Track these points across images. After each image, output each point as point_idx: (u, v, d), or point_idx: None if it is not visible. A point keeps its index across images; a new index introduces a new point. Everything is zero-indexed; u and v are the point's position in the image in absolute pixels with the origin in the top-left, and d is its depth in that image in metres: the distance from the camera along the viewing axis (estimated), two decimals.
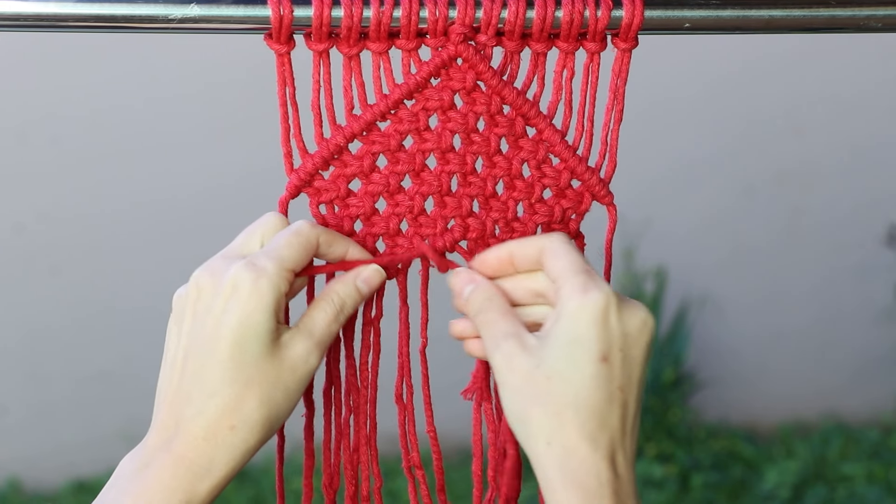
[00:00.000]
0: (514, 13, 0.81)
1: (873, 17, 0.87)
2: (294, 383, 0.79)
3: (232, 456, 0.77)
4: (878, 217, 3.03)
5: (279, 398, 0.78)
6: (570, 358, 0.75)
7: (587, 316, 0.76)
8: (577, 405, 0.75)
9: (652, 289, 2.99)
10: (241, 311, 0.77)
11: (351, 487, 0.88)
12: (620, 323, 0.76)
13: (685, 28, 0.85)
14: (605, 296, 0.76)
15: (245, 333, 0.77)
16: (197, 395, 0.77)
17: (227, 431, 0.77)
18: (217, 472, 0.77)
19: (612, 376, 0.75)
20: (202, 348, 0.78)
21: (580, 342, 0.75)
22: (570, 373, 0.75)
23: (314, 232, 0.81)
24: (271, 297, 0.77)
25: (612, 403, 0.75)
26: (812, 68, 2.88)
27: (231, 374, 0.77)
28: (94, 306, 2.88)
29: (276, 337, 0.78)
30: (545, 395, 0.75)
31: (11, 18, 0.78)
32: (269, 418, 0.78)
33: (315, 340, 0.80)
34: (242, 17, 0.80)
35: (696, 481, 2.88)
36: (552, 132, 0.86)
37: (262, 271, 0.77)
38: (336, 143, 0.84)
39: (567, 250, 0.79)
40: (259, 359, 0.77)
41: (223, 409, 0.77)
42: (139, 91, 2.74)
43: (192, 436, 0.77)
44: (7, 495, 2.92)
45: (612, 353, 0.76)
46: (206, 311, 0.78)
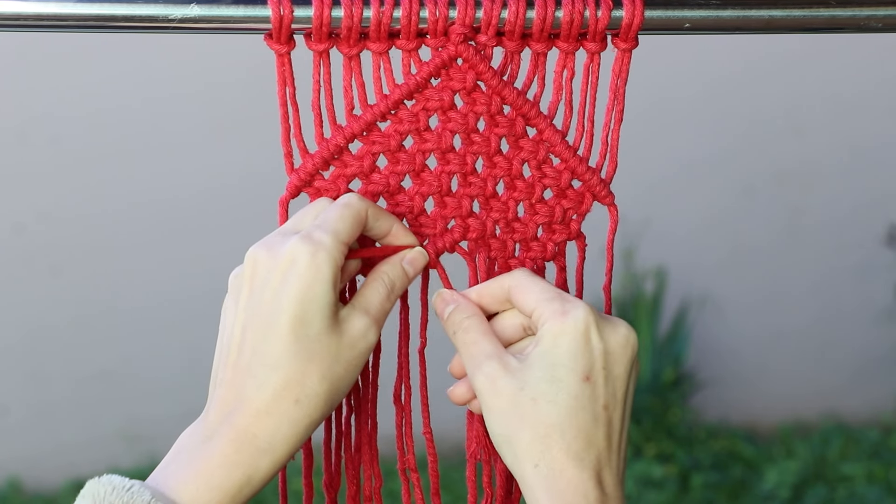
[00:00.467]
0: (514, 13, 0.81)
1: (874, 18, 0.87)
2: (354, 359, 0.78)
3: (295, 431, 0.76)
4: (878, 217, 3.03)
5: (341, 372, 0.77)
6: (553, 379, 0.76)
7: (568, 338, 0.76)
8: (562, 427, 0.75)
9: (652, 289, 2.99)
10: (301, 283, 0.76)
11: (353, 487, 0.88)
12: (602, 341, 0.77)
13: (685, 28, 0.85)
14: (585, 316, 0.77)
15: (306, 307, 0.76)
16: (258, 369, 0.76)
17: (291, 405, 0.76)
18: (280, 447, 0.76)
19: (596, 395, 0.76)
20: (262, 321, 0.76)
21: (563, 363, 0.76)
22: (554, 394, 0.75)
23: (363, 205, 0.80)
24: (329, 270, 0.76)
25: (597, 422, 0.76)
26: (812, 68, 2.88)
27: (293, 347, 0.76)
28: (95, 306, 2.88)
29: (335, 312, 0.77)
30: (531, 418, 0.75)
31: (11, 18, 0.78)
32: (331, 392, 0.77)
33: (372, 317, 0.79)
34: (242, 17, 0.80)
35: (696, 481, 2.88)
36: (552, 132, 0.86)
37: (319, 244, 0.76)
38: (336, 143, 0.84)
39: (533, 281, 0.80)
40: (321, 332, 0.76)
41: (286, 382, 0.76)
42: (139, 91, 2.74)
43: (254, 409, 0.75)
44: (7, 495, 2.92)
45: (595, 372, 0.76)
46: (264, 285, 0.77)
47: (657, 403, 2.95)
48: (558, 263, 0.88)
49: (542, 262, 0.88)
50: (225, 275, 0.78)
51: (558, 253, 0.88)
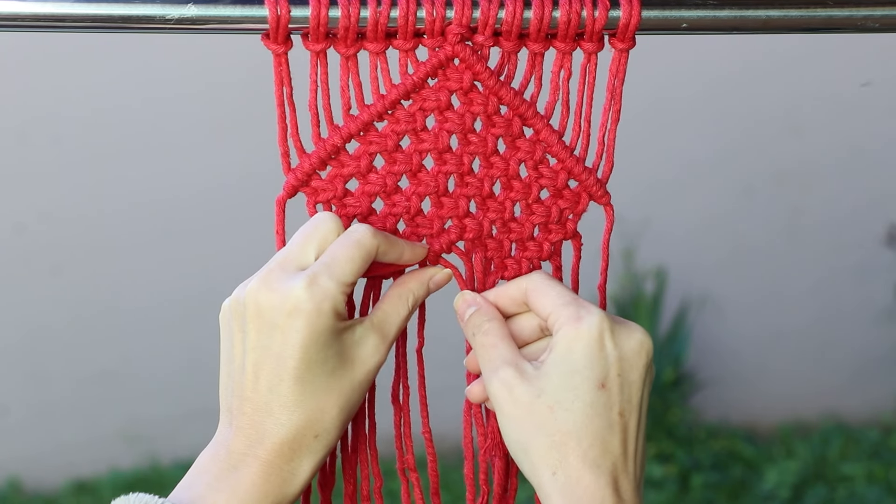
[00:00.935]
0: (511, 13, 0.81)
1: (870, 18, 0.87)
2: (367, 381, 0.81)
3: (315, 460, 0.79)
4: (878, 217, 3.03)
5: (356, 398, 0.81)
6: (569, 387, 0.76)
7: (583, 344, 0.77)
8: (579, 434, 0.76)
9: (652, 289, 2.99)
10: (307, 331, 0.77)
11: (349, 487, 0.89)
12: (616, 348, 0.77)
13: (683, 28, 0.85)
14: (599, 322, 0.77)
15: (315, 353, 0.78)
16: (278, 409, 0.78)
17: (312, 440, 0.79)
18: (303, 475, 0.79)
19: (612, 402, 0.76)
20: (274, 364, 0.78)
21: (578, 370, 0.76)
22: (570, 402, 0.76)
23: (374, 242, 0.81)
24: (333, 315, 0.78)
25: (612, 429, 0.76)
26: (812, 68, 2.88)
27: (309, 388, 0.78)
28: (95, 306, 2.88)
29: (345, 339, 0.80)
30: (548, 426, 0.76)
31: (11, 18, 0.78)
32: (347, 418, 0.81)
33: (383, 335, 0.81)
34: (239, 18, 0.80)
35: (696, 481, 2.88)
36: (549, 132, 0.86)
37: (324, 293, 0.78)
38: (333, 143, 0.84)
39: (550, 285, 0.81)
40: (333, 370, 0.79)
41: (306, 421, 0.78)
42: (139, 91, 2.74)
43: (278, 445, 0.78)
44: (7, 495, 2.92)
45: (610, 379, 0.77)
46: (272, 328, 0.78)
47: (657, 403, 2.95)
48: (554, 263, 0.88)
49: (538, 261, 0.88)
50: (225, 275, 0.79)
51: (554, 252, 0.88)
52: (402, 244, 0.84)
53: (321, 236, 0.81)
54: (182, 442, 2.88)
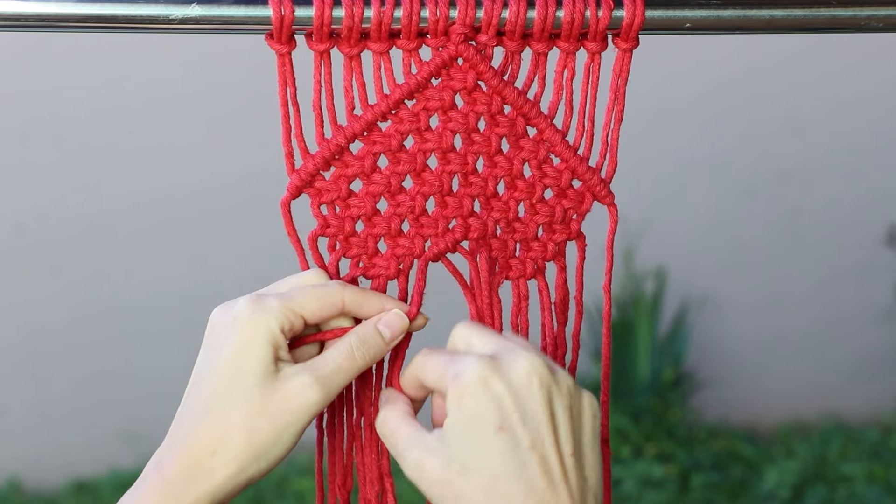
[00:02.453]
0: (514, 13, 0.81)
1: (874, 18, 0.87)
2: (283, 414, 0.77)
3: (210, 483, 0.77)
4: (878, 217, 3.03)
5: (264, 427, 0.77)
6: (469, 444, 0.73)
7: (467, 397, 0.73)
8: (496, 487, 0.72)
9: (652, 289, 2.99)
10: (237, 341, 0.77)
11: (364, 489, 0.89)
12: (503, 384, 0.73)
13: (686, 28, 0.85)
14: (475, 369, 0.74)
15: (239, 364, 0.77)
16: (187, 419, 0.78)
17: (208, 456, 0.77)
18: (193, 493, 0.77)
19: (517, 440, 0.73)
20: (202, 376, 0.79)
21: (472, 424, 0.73)
22: (478, 459, 0.73)
23: (337, 289, 0.80)
24: (267, 331, 0.77)
25: (527, 466, 0.73)
26: (812, 68, 2.88)
27: (219, 400, 0.77)
28: (95, 306, 2.88)
29: (275, 370, 0.78)
30: (466, 490, 0.73)
31: (11, 18, 0.78)
32: (251, 447, 0.77)
33: (317, 375, 0.79)
34: (243, 18, 0.80)
35: (696, 481, 2.88)
36: (553, 132, 0.86)
37: (263, 305, 0.78)
38: (337, 143, 0.84)
39: (426, 359, 0.78)
40: (250, 388, 0.77)
41: (206, 433, 0.77)
42: (139, 91, 2.74)
43: (177, 457, 0.77)
44: (7, 495, 2.92)
45: (506, 418, 0.73)
46: (212, 344, 0.79)
47: (657, 403, 2.95)
48: (558, 263, 0.88)
49: (542, 261, 0.88)
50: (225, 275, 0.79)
51: (558, 253, 0.88)
52: (382, 299, 0.82)
53: (297, 281, 0.82)
54: None
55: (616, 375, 2.95)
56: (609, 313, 0.90)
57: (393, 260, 0.86)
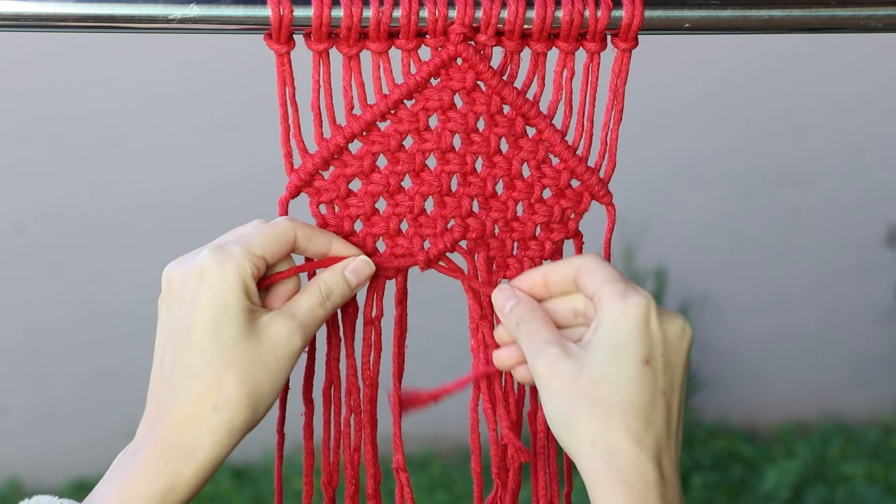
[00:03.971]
0: (513, 13, 0.81)
1: (873, 18, 0.87)
2: (276, 362, 0.79)
3: (216, 437, 0.77)
4: (878, 217, 3.03)
5: (261, 376, 0.78)
6: (614, 361, 0.76)
7: (629, 320, 0.77)
8: (622, 407, 0.75)
9: (652, 289, 2.99)
10: (210, 293, 0.77)
11: (351, 486, 0.88)
12: (661, 329, 0.77)
13: (685, 28, 0.85)
14: (646, 300, 0.77)
15: (218, 315, 0.77)
16: (177, 380, 0.78)
17: (210, 412, 0.77)
18: (202, 453, 0.77)
19: (656, 380, 0.76)
20: (178, 334, 0.79)
21: (623, 345, 0.76)
22: (614, 376, 0.76)
23: (289, 224, 0.81)
24: (238, 278, 0.78)
25: (656, 406, 0.76)
26: (812, 68, 2.88)
27: (208, 355, 0.77)
28: (95, 306, 2.88)
29: (253, 318, 0.79)
30: (590, 398, 0.76)
31: (11, 18, 0.79)
32: (251, 397, 0.78)
33: (297, 322, 0.80)
34: (242, 18, 0.80)
35: (696, 481, 2.88)
36: (552, 132, 0.86)
37: (227, 254, 0.78)
38: (336, 143, 0.84)
39: (602, 265, 0.80)
40: (236, 338, 0.78)
41: (203, 390, 0.77)
42: (139, 91, 2.74)
43: (174, 420, 0.77)
44: (7, 495, 2.92)
45: (655, 357, 0.77)
46: (178, 300, 0.79)
47: None
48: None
49: (539, 260, 0.88)
50: None
51: (556, 251, 0.88)
52: (330, 236, 0.83)
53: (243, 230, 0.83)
54: None
55: None
56: None
57: (391, 260, 0.86)
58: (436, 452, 2.98)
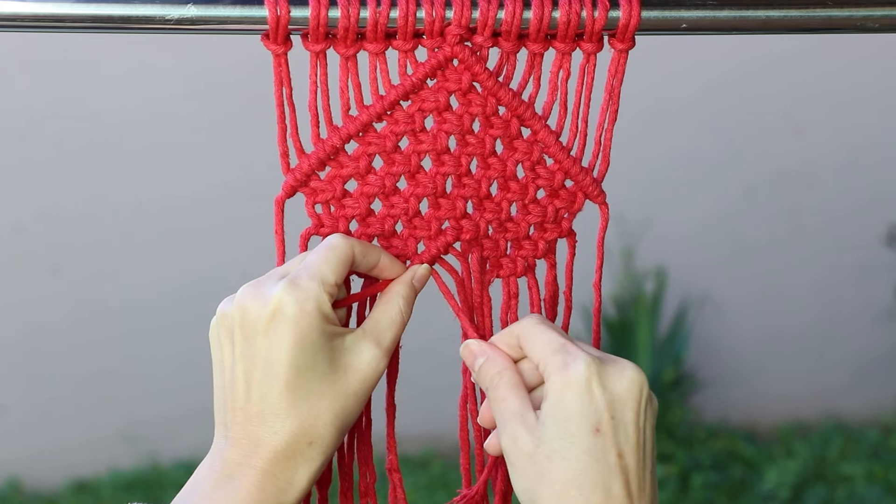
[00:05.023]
0: (510, 14, 0.81)
1: (870, 18, 0.87)
2: (363, 390, 0.81)
3: (312, 468, 0.79)
4: (878, 217, 3.03)
5: (351, 406, 0.80)
6: (565, 435, 0.76)
7: (572, 392, 0.76)
8: (579, 482, 0.75)
9: (652, 289, 2.99)
10: (294, 333, 0.78)
11: (345, 484, 0.89)
12: (606, 391, 0.76)
13: (682, 28, 0.85)
14: (585, 368, 0.76)
15: (303, 356, 0.78)
16: (270, 417, 0.79)
17: (306, 447, 0.79)
18: (300, 484, 0.79)
19: (608, 446, 0.76)
20: (263, 372, 0.79)
21: (571, 418, 0.76)
22: (566, 451, 0.76)
23: (348, 244, 0.82)
24: (318, 313, 0.78)
25: (612, 473, 0.76)
26: (812, 68, 2.88)
27: (300, 394, 0.78)
28: (95, 306, 2.88)
29: (337, 344, 0.80)
30: (548, 476, 0.76)
31: (11, 18, 0.79)
32: (343, 426, 0.80)
33: (379, 342, 0.81)
34: (239, 18, 0.80)
35: (696, 481, 2.88)
36: (547, 133, 0.86)
37: (306, 292, 0.78)
38: (332, 143, 0.84)
39: (539, 331, 0.80)
40: (324, 375, 0.79)
41: (299, 428, 0.79)
42: (139, 91, 2.74)
43: (273, 453, 0.78)
44: (7, 495, 2.92)
45: (604, 423, 0.76)
46: (256, 334, 0.79)
47: (657, 403, 2.95)
48: (549, 261, 0.89)
49: (533, 259, 0.88)
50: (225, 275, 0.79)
51: (549, 250, 0.88)
52: (378, 250, 0.84)
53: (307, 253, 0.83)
54: (182, 442, 2.88)
55: None
56: (599, 310, 0.91)
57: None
58: (436, 452, 2.98)
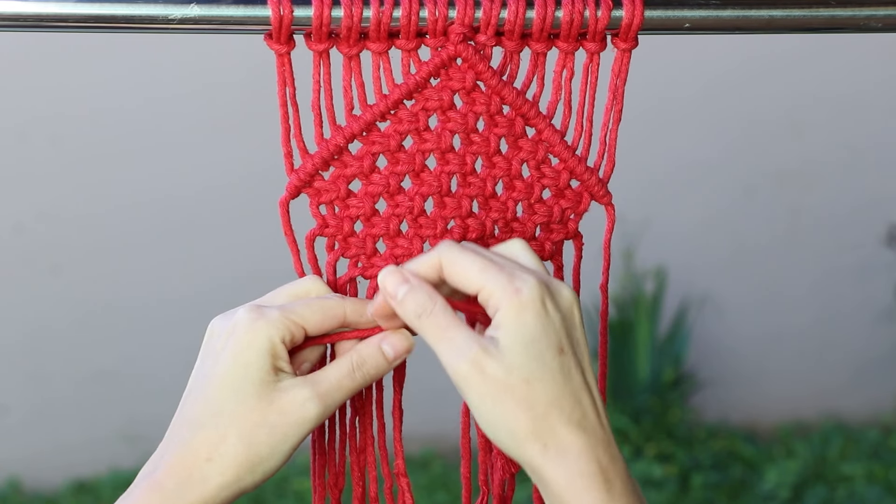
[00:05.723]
0: (513, 13, 0.81)
1: (873, 18, 0.87)
2: (282, 426, 0.78)
3: (204, 487, 0.77)
4: (878, 217, 3.03)
5: (262, 438, 0.77)
6: (535, 357, 0.75)
7: (530, 315, 0.75)
8: (560, 402, 0.75)
9: (652, 289, 2.99)
10: (235, 350, 0.78)
11: (358, 489, 0.88)
12: (557, 310, 0.76)
13: (685, 28, 0.85)
14: (539, 289, 0.75)
15: (236, 371, 0.78)
16: (184, 427, 0.78)
17: (203, 462, 0.77)
18: (186, 498, 0.77)
19: (572, 364, 0.76)
20: (199, 384, 0.79)
21: (536, 340, 0.75)
22: (541, 372, 0.75)
23: (338, 302, 0.81)
24: (265, 339, 0.78)
25: (582, 390, 0.76)
26: (812, 68, 2.88)
27: (216, 408, 0.78)
28: (95, 306, 2.88)
29: (275, 381, 0.78)
30: (528, 400, 0.74)
31: (11, 18, 0.78)
32: (248, 457, 0.77)
33: (317, 390, 0.79)
34: (242, 18, 0.80)
35: (696, 481, 2.88)
36: (551, 132, 0.86)
37: (262, 313, 0.78)
38: (336, 143, 0.84)
39: (465, 256, 0.77)
40: (247, 397, 0.77)
41: (203, 440, 0.77)
42: (139, 91, 2.74)
43: (170, 464, 0.77)
44: (7, 495, 2.92)
45: (563, 342, 0.76)
46: (210, 352, 0.80)
47: (657, 403, 2.95)
48: (555, 263, 0.89)
49: None
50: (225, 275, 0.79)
51: (556, 252, 0.88)
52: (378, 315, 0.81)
53: (296, 291, 0.82)
54: None
55: (616, 375, 2.95)
56: (606, 312, 0.90)
57: (391, 260, 0.85)
58: (436, 452, 2.98)
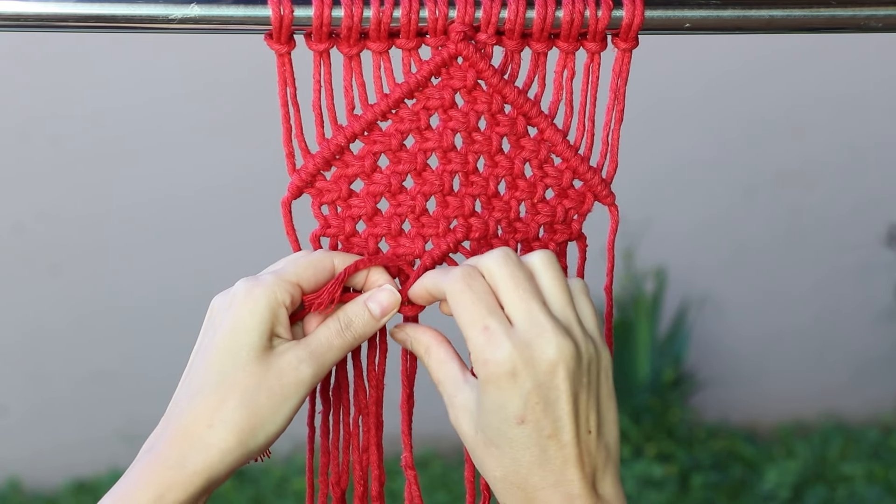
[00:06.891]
0: (514, 12, 0.81)
1: (874, 17, 0.87)
2: (280, 388, 0.78)
3: (207, 454, 0.77)
4: (878, 217, 3.03)
5: (262, 402, 0.78)
6: (494, 427, 0.76)
7: (492, 386, 0.75)
8: (516, 470, 0.76)
9: (652, 289, 2.99)
10: (233, 318, 0.78)
11: (360, 488, 0.88)
12: (529, 376, 0.75)
13: (686, 28, 0.85)
14: (505, 357, 0.74)
15: (234, 338, 0.78)
16: (183, 397, 0.79)
17: (205, 429, 0.77)
18: (190, 466, 0.77)
19: (537, 432, 0.75)
20: (199, 358, 0.80)
21: (496, 411, 0.75)
22: (499, 439, 0.76)
23: (328, 254, 0.82)
24: (264, 303, 0.78)
25: (546, 454, 0.76)
26: (812, 68, 2.88)
27: (215, 376, 0.78)
28: (95, 306, 2.88)
29: (272, 345, 0.79)
30: (488, 461, 0.77)
31: (11, 18, 0.78)
32: (249, 421, 0.78)
33: (310, 350, 0.80)
34: (243, 18, 0.80)
35: (696, 481, 2.88)
36: (554, 132, 0.86)
37: (258, 281, 0.79)
38: (337, 143, 0.84)
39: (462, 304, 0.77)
40: (246, 363, 0.78)
41: (203, 408, 0.78)
42: (139, 91, 2.74)
43: (172, 434, 0.78)
44: (7, 495, 2.92)
45: (529, 410, 0.75)
46: (210, 327, 0.80)
47: (657, 403, 2.95)
48: (560, 264, 0.88)
49: None
50: (225, 274, 0.79)
51: (559, 253, 0.88)
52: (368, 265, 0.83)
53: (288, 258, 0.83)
54: None
55: (616, 375, 2.94)
56: (611, 314, 0.90)
57: (392, 260, 0.85)
58: (436, 452, 2.98)
